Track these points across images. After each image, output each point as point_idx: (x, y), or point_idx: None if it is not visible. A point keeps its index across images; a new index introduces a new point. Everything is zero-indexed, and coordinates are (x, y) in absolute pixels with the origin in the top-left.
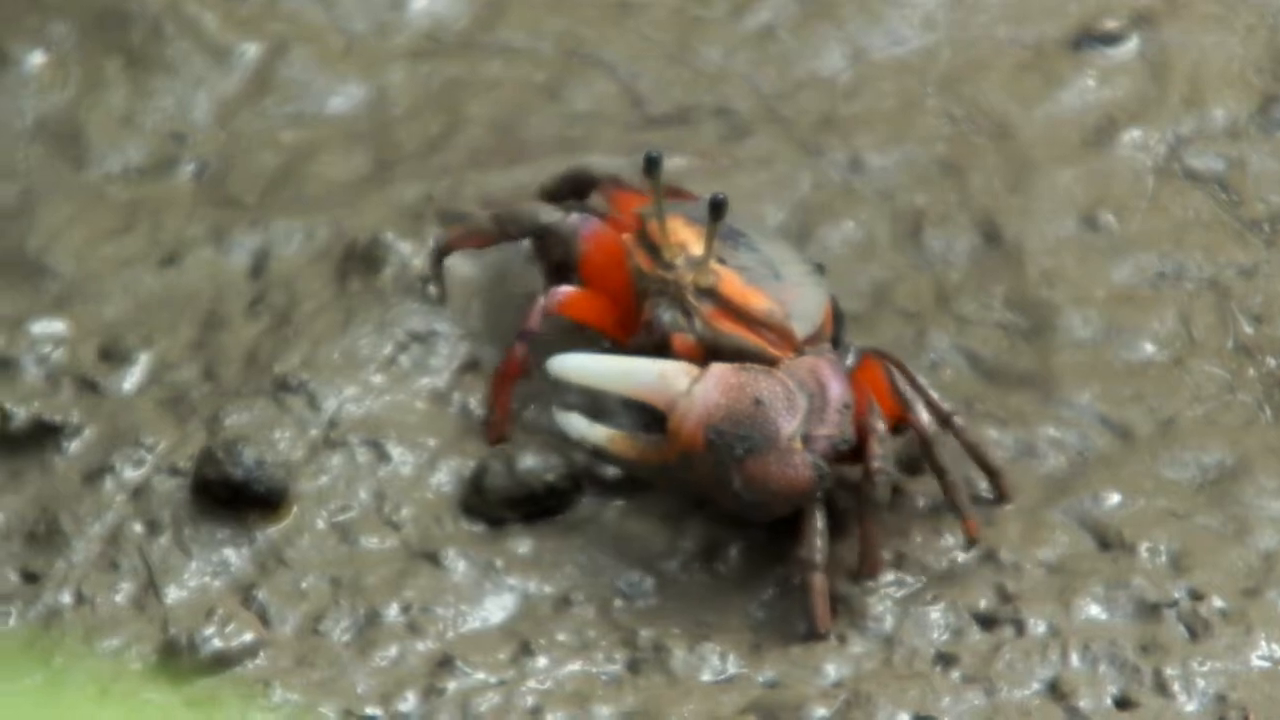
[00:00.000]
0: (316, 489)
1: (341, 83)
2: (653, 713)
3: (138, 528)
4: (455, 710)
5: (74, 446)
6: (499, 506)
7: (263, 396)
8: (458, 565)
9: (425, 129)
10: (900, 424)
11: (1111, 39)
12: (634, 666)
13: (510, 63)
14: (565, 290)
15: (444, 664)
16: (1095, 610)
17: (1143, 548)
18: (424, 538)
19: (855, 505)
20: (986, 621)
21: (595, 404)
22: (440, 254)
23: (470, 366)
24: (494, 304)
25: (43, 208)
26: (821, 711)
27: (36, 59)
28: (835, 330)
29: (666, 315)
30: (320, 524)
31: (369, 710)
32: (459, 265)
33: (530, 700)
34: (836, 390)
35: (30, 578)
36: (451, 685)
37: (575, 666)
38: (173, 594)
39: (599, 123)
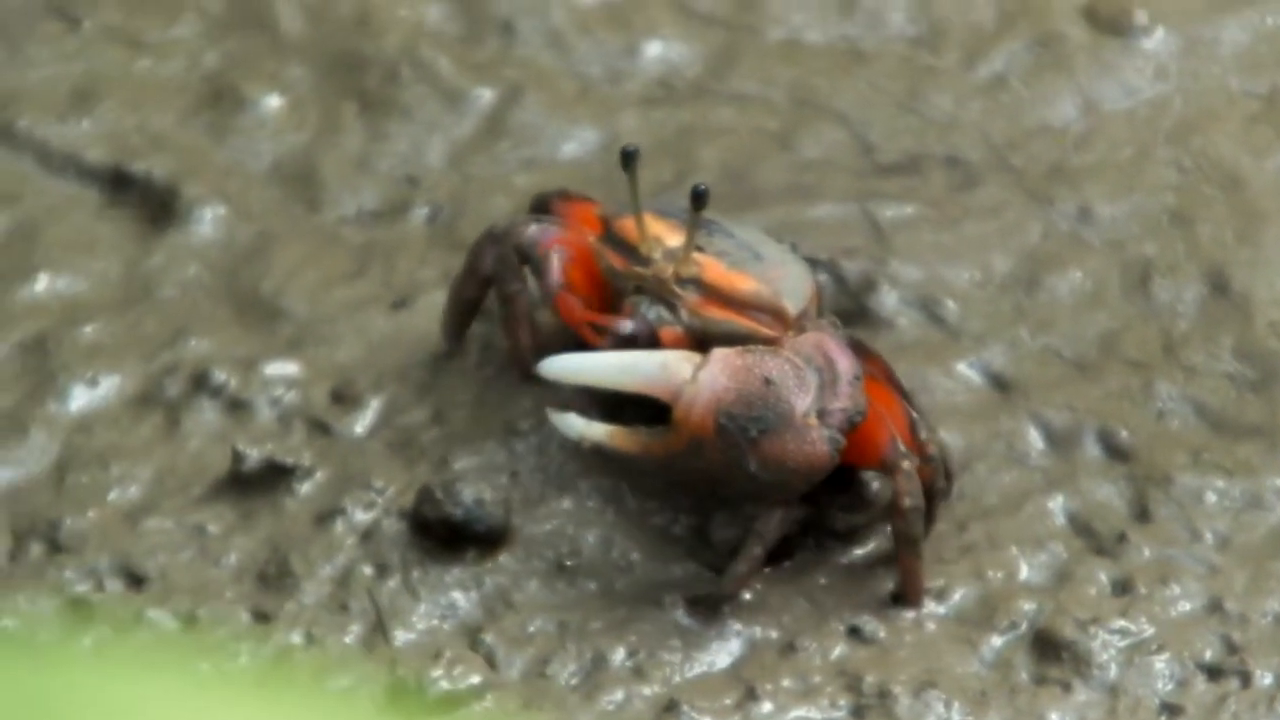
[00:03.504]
0: (545, 533)
1: (574, 128)
2: None
3: (367, 570)
4: None
5: (305, 488)
6: (727, 555)
7: (492, 440)
8: (683, 610)
9: (657, 174)
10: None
11: None
12: (858, 713)
13: (742, 110)
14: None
15: (669, 709)
16: None
17: None
18: (650, 582)
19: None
20: (1212, 672)
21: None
22: (451, 330)
23: None
24: None
25: (277, 249)
26: None
27: (273, 102)
28: (819, 307)
29: (650, 311)
30: (548, 568)
31: None
32: None
33: None
34: (845, 364)
35: (261, 618)
36: None
37: (800, 712)
38: (401, 636)
39: (829, 170)
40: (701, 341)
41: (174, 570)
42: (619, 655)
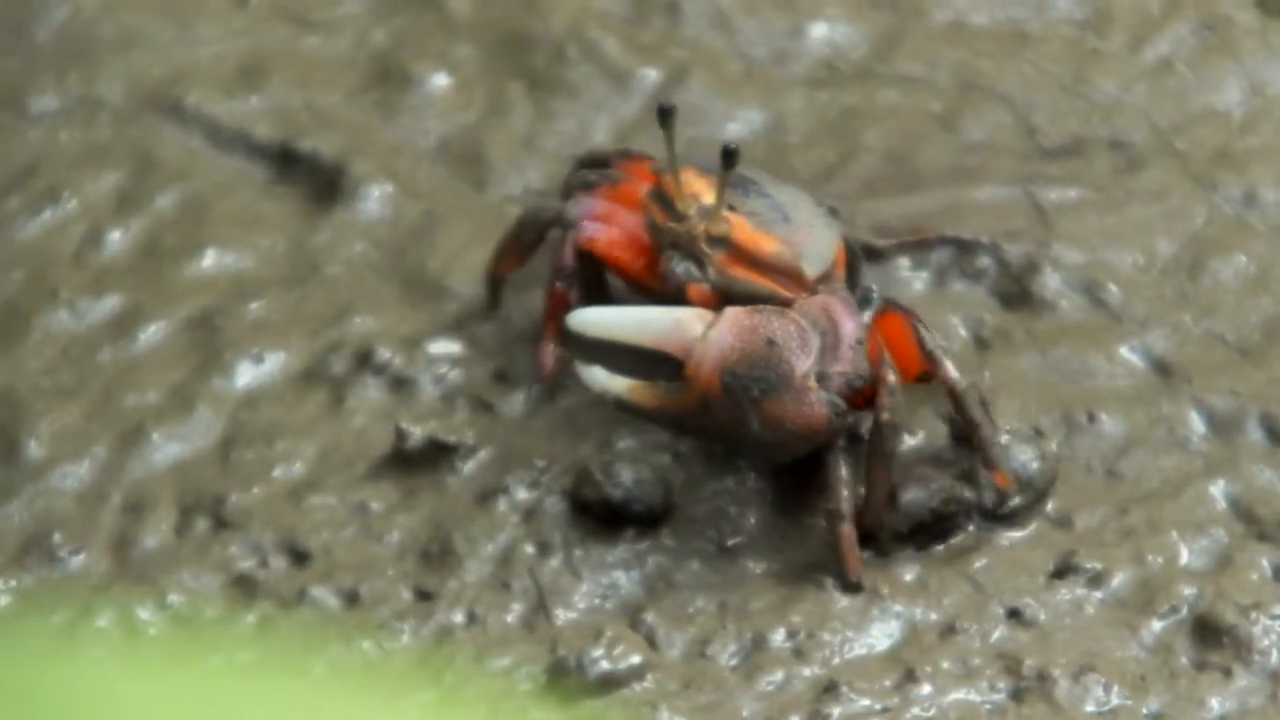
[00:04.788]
0: (707, 512)
1: (739, 108)
2: None
3: (529, 549)
4: None
5: (468, 467)
6: (888, 541)
7: None
8: (844, 592)
9: (821, 156)
10: (925, 376)
11: None
12: (1017, 695)
13: (907, 92)
14: (595, 226)
15: (829, 690)
16: None
17: None
18: (811, 564)
19: (864, 454)
20: None
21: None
22: (493, 283)
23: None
24: None
25: (443, 228)
26: None
27: (441, 81)
28: (852, 273)
29: (680, 266)
30: (710, 548)
31: None
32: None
33: None
34: (849, 327)
35: (424, 596)
36: (836, 711)
37: (959, 694)
38: (562, 615)
39: (993, 153)
40: (727, 299)
41: (337, 547)
42: (779, 636)
